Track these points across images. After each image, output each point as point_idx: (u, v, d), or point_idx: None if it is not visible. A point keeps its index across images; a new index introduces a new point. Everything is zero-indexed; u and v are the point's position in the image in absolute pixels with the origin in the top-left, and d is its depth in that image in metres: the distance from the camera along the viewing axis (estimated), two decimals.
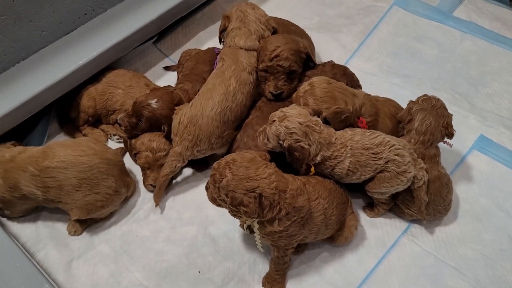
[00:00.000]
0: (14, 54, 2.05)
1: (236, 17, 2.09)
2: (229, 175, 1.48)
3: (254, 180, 1.47)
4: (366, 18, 2.75)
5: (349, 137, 1.76)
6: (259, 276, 1.84)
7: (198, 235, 1.95)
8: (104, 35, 2.20)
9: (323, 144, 1.72)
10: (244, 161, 1.50)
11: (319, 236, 1.75)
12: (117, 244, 1.94)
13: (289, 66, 1.96)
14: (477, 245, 1.89)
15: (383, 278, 1.83)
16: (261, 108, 1.98)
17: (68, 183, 1.80)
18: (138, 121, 2.03)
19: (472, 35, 2.60)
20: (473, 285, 1.79)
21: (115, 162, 1.92)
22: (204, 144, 1.93)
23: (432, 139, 1.84)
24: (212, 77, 2.02)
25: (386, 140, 1.76)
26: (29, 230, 1.96)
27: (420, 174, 1.78)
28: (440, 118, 1.84)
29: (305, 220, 1.61)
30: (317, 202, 1.66)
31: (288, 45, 1.96)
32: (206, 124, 1.90)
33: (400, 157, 1.75)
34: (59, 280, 1.82)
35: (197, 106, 1.93)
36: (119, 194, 1.93)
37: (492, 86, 2.40)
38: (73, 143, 1.90)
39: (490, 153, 2.15)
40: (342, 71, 2.07)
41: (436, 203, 1.86)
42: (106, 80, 2.26)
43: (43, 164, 1.80)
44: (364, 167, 1.77)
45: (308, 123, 1.70)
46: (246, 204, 1.46)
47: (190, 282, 1.83)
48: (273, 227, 1.56)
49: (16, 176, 1.82)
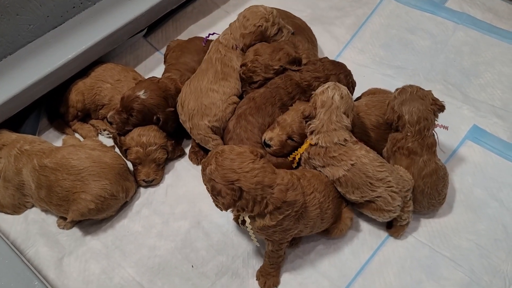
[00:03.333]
0: (1, 48, 2.01)
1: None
2: (213, 164, 1.49)
3: (235, 173, 1.47)
4: (359, 9, 2.73)
5: (359, 154, 1.74)
6: (253, 270, 1.83)
7: (191, 230, 1.93)
8: (93, 29, 2.17)
9: (324, 131, 1.73)
10: (231, 153, 1.50)
11: (314, 229, 1.74)
12: (108, 240, 1.91)
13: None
14: (472, 235, 1.88)
15: (378, 270, 1.82)
16: (254, 99, 1.95)
17: (59, 185, 1.82)
18: (129, 116, 2.00)
19: (464, 26, 2.59)
20: (468, 275, 1.78)
21: (112, 166, 1.89)
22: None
23: (427, 124, 1.79)
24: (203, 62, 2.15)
25: (387, 180, 1.73)
26: (19, 227, 1.92)
27: (405, 215, 1.80)
28: (423, 99, 1.80)
29: (299, 214, 1.60)
30: (312, 196, 1.64)
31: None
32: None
33: (392, 199, 1.74)
34: (50, 277, 1.79)
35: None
36: (115, 198, 1.89)
37: (485, 76, 2.39)
38: (74, 147, 1.94)
39: (483, 143, 2.14)
40: (342, 70, 2.08)
41: (431, 197, 1.85)
42: (95, 74, 2.22)
43: (43, 162, 1.85)
44: (354, 188, 1.76)
45: (334, 104, 1.72)
46: (224, 195, 1.47)
47: (184, 277, 1.81)
48: (265, 222, 1.55)
49: (24, 161, 1.88)
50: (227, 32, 2.15)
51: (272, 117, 1.94)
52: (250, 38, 2.09)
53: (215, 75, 2.04)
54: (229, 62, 2.08)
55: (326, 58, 2.11)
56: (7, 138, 1.97)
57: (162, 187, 2.07)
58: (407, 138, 1.80)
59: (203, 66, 2.10)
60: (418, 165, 1.81)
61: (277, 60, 2.03)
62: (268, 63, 2.02)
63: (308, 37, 2.36)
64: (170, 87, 2.07)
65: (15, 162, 1.89)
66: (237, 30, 2.11)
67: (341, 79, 2.01)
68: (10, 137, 1.98)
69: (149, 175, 2.01)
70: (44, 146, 1.94)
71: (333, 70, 2.02)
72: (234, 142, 1.90)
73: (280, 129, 1.87)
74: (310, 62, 2.08)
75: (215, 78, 2.04)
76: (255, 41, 2.10)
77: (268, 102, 1.95)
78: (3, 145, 1.95)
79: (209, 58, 2.11)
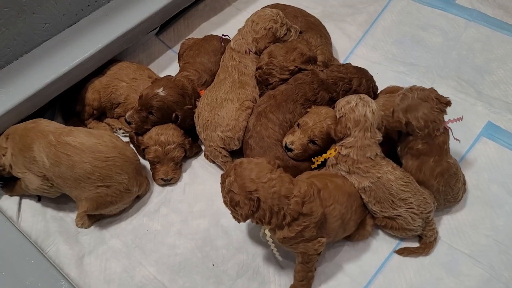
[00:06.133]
0: (17, 47, 2.00)
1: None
2: (232, 175, 1.52)
3: (253, 183, 1.49)
4: (370, 7, 2.73)
5: (386, 170, 1.75)
6: (273, 268, 1.83)
7: (210, 228, 1.94)
8: (108, 27, 2.16)
9: (358, 147, 1.73)
10: (250, 164, 1.53)
11: (336, 238, 1.75)
12: (128, 239, 1.91)
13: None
14: (490, 232, 1.89)
15: (398, 267, 1.83)
16: (275, 97, 1.95)
17: (81, 167, 1.77)
18: (149, 114, 2.00)
19: (476, 23, 2.59)
20: (488, 272, 1.79)
21: (132, 160, 1.90)
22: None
23: (436, 125, 1.74)
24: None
25: (409, 201, 1.75)
26: (39, 225, 1.92)
27: (429, 233, 1.82)
28: (427, 101, 1.74)
29: (320, 225, 1.60)
30: (332, 207, 1.64)
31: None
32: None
33: (412, 220, 1.76)
34: (71, 275, 1.79)
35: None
36: (129, 192, 1.89)
37: (498, 73, 2.40)
38: (98, 133, 1.89)
39: (498, 140, 2.15)
40: (364, 74, 2.09)
41: (446, 193, 1.86)
42: (110, 73, 2.22)
43: (65, 139, 1.80)
44: (376, 202, 1.77)
45: (367, 121, 1.72)
46: (242, 205, 1.49)
47: (205, 275, 1.82)
48: (284, 233, 1.56)
49: (34, 137, 1.82)
50: (238, 38, 2.17)
51: (293, 114, 1.94)
52: (264, 42, 2.12)
53: (233, 85, 2.06)
54: (245, 70, 2.11)
55: (349, 64, 2.14)
56: (12, 127, 1.93)
57: (179, 185, 2.07)
58: (417, 140, 1.79)
59: (221, 76, 2.12)
60: (429, 165, 1.81)
61: (291, 61, 2.04)
62: (283, 65, 2.03)
63: (321, 32, 2.36)
64: (187, 86, 2.07)
65: (20, 140, 1.84)
66: (248, 35, 2.14)
67: (363, 84, 2.03)
68: (13, 126, 1.94)
69: (168, 174, 2.01)
70: (59, 125, 1.91)
71: (356, 73, 2.04)
72: (254, 140, 1.90)
73: (301, 133, 1.86)
74: (334, 65, 2.12)
75: (232, 88, 2.05)
76: (269, 43, 2.13)
77: (290, 99, 1.95)
78: (7, 135, 1.90)
79: (225, 66, 2.14)
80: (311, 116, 1.88)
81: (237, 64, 2.11)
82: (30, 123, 1.91)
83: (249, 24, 2.15)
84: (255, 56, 2.14)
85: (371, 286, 1.79)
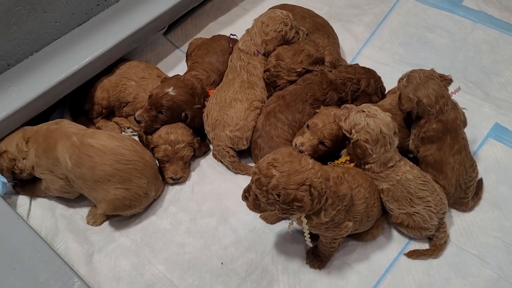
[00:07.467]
0: (27, 46, 2.02)
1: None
2: (276, 174, 1.43)
3: (302, 173, 1.43)
4: (376, 8, 2.74)
5: (404, 170, 1.75)
6: (282, 266, 1.84)
7: (219, 227, 1.94)
8: (117, 27, 2.17)
9: (381, 162, 1.72)
10: (285, 157, 1.46)
11: (361, 227, 1.75)
12: (137, 237, 1.92)
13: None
14: (498, 233, 1.90)
15: (406, 267, 1.83)
16: (284, 97, 1.97)
17: (102, 169, 1.78)
18: (158, 113, 2.01)
19: (482, 25, 2.60)
20: (497, 272, 1.80)
21: (151, 165, 1.91)
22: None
23: (445, 100, 1.81)
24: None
25: (427, 199, 1.76)
26: (48, 223, 1.93)
27: (441, 235, 1.83)
28: (432, 78, 1.81)
29: (348, 208, 1.60)
30: (357, 190, 1.65)
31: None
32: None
33: (429, 218, 1.77)
34: (81, 273, 1.80)
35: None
36: (147, 197, 1.91)
37: (505, 74, 2.40)
38: (119, 136, 1.91)
39: (506, 141, 2.15)
40: (372, 75, 2.10)
41: (459, 174, 1.86)
42: (119, 72, 2.23)
43: (88, 140, 1.81)
44: (394, 200, 1.78)
45: (386, 136, 1.68)
46: (300, 198, 1.42)
47: (214, 274, 1.83)
48: (319, 219, 1.54)
49: (58, 138, 1.83)
50: (246, 39, 2.17)
51: (302, 114, 1.95)
52: (273, 44, 2.13)
53: (241, 85, 2.07)
54: (254, 70, 2.12)
55: (357, 65, 2.15)
56: (30, 130, 1.94)
57: (188, 184, 2.08)
58: (430, 120, 1.81)
59: (229, 76, 2.13)
60: (448, 142, 1.83)
61: (299, 62, 2.06)
62: (290, 67, 2.05)
63: (329, 33, 2.38)
64: (196, 85, 2.08)
65: (44, 141, 1.85)
66: (257, 36, 2.14)
67: (371, 84, 2.04)
68: (32, 128, 1.95)
69: (177, 173, 2.02)
70: (81, 127, 1.93)
71: (364, 74, 2.06)
72: (263, 139, 1.91)
73: (311, 134, 1.85)
74: (342, 66, 2.14)
75: (241, 88, 2.07)
76: (278, 45, 2.14)
77: (299, 99, 1.96)
78: (28, 138, 1.90)
79: (233, 66, 2.15)
80: (320, 117, 1.88)
81: (246, 65, 2.12)
82: (53, 124, 1.92)
83: (258, 25, 2.15)
84: (264, 58, 2.15)
85: (380, 285, 1.80)
